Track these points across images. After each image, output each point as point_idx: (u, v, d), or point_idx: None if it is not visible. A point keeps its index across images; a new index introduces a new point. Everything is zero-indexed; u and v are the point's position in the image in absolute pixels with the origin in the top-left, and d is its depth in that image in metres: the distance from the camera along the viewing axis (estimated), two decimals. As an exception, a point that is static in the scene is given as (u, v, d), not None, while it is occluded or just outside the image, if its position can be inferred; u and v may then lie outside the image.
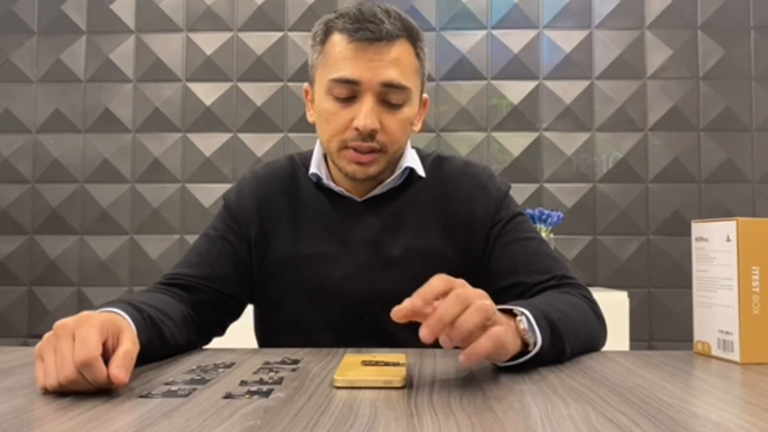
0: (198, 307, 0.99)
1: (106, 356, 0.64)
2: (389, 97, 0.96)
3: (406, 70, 0.97)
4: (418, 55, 1.00)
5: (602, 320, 0.96)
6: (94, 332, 0.63)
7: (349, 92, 0.96)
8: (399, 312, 0.66)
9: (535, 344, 0.75)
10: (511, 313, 0.77)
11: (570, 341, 0.82)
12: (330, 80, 0.96)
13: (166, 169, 2.64)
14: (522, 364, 0.75)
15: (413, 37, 0.99)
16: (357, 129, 0.95)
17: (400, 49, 0.96)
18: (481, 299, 0.66)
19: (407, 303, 0.66)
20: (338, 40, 0.97)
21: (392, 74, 0.95)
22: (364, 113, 0.94)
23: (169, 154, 2.64)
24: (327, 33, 0.99)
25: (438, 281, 0.69)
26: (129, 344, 0.66)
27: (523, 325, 0.75)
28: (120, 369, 0.62)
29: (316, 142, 1.08)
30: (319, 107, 1.00)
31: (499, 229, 1.04)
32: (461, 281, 0.70)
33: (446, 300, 0.66)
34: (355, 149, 0.96)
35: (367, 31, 0.93)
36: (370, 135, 0.95)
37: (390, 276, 1.01)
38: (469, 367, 0.63)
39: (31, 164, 2.65)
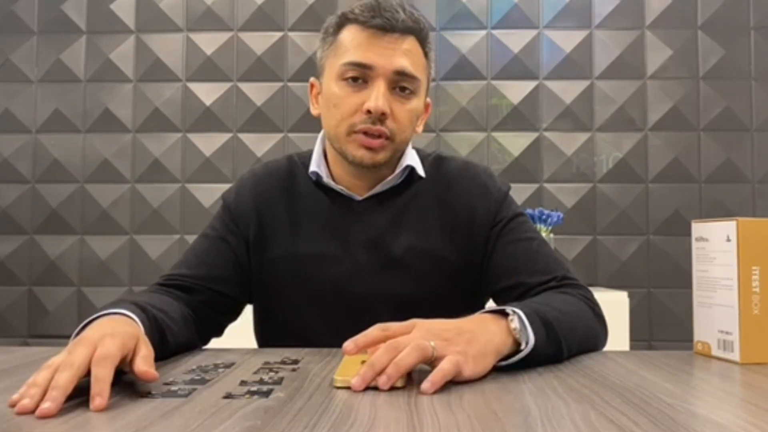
0: (197, 308, 0.99)
1: (123, 368, 0.64)
2: (400, 85, 0.98)
3: (417, 64, 0.99)
4: (426, 55, 1.02)
5: (602, 320, 0.96)
6: (117, 342, 0.64)
7: (361, 76, 0.97)
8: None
9: (527, 343, 0.76)
10: (504, 313, 0.78)
11: (567, 339, 0.82)
12: (343, 64, 0.97)
13: (166, 169, 2.64)
14: (520, 363, 0.76)
15: (422, 37, 1.01)
16: (368, 111, 0.95)
17: (411, 44, 0.99)
18: (417, 342, 0.68)
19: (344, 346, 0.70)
20: (352, 29, 0.99)
21: (404, 63, 0.97)
22: (376, 95, 0.95)
23: (169, 154, 2.64)
24: (340, 25, 1.01)
25: (374, 330, 0.71)
26: (145, 350, 0.67)
27: (515, 324, 0.77)
28: (149, 368, 0.64)
29: (315, 142, 1.08)
30: (327, 94, 1.00)
31: (499, 229, 1.04)
32: (400, 328, 0.72)
33: (379, 349, 0.68)
34: (365, 132, 0.97)
35: (383, 18, 0.96)
36: (380, 119, 0.96)
37: (390, 275, 1.01)
38: (432, 391, 0.64)
39: (31, 164, 2.65)
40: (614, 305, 2.12)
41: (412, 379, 0.70)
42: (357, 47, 0.97)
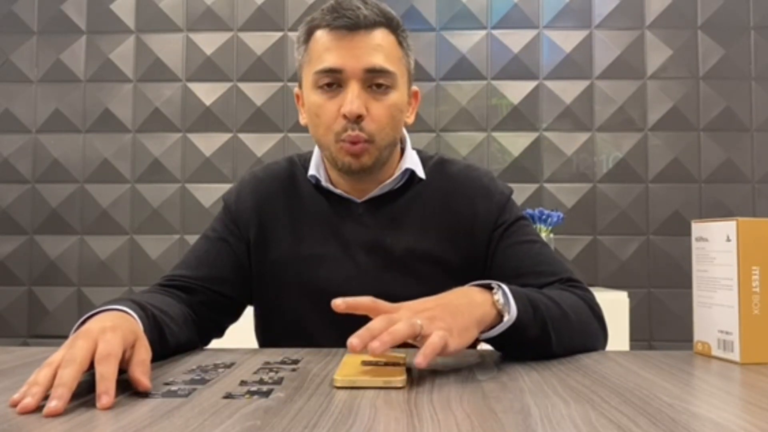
0: (197, 309, 0.99)
1: (121, 366, 0.64)
2: (374, 82, 0.96)
3: (390, 56, 0.97)
4: (400, 44, 1.00)
5: (602, 321, 0.96)
6: (118, 337, 0.64)
7: (334, 81, 0.96)
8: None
9: (510, 314, 0.79)
10: (489, 288, 0.81)
11: (555, 325, 0.84)
12: (315, 73, 0.97)
13: (166, 169, 2.64)
14: (506, 339, 0.79)
15: (393, 26, 0.99)
16: (344, 116, 0.95)
17: (381, 36, 0.97)
18: (408, 319, 0.70)
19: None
20: (319, 35, 0.98)
21: (375, 60, 0.95)
22: (350, 99, 0.94)
23: (169, 154, 2.64)
24: (309, 33, 1.00)
25: (366, 298, 0.75)
26: (144, 353, 0.67)
27: (498, 296, 0.80)
28: (144, 375, 0.64)
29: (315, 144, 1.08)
30: (308, 104, 1.00)
31: (501, 232, 1.03)
32: (388, 307, 0.75)
33: (376, 319, 0.71)
34: (347, 141, 0.96)
35: (345, 18, 0.95)
36: (357, 122, 0.95)
37: (391, 277, 1.01)
38: (426, 364, 0.68)
39: (31, 164, 2.65)
40: (614, 305, 2.12)
41: (412, 379, 0.70)
42: (326, 52, 0.96)
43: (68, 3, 2.68)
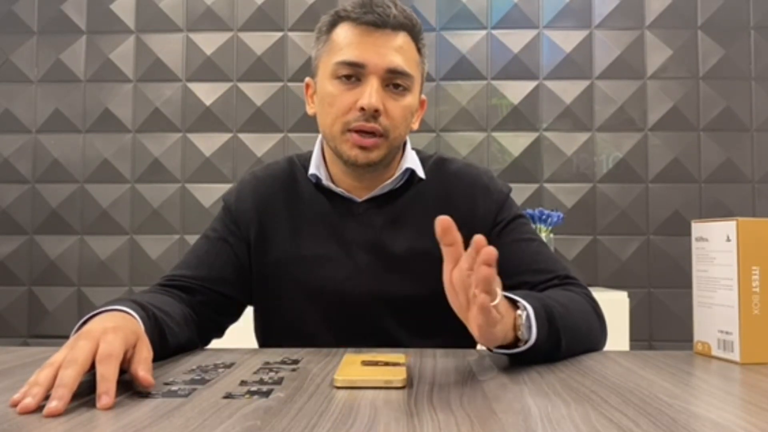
0: (197, 309, 0.99)
1: (122, 366, 0.64)
2: (393, 82, 0.98)
3: (410, 60, 0.99)
4: (419, 50, 1.02)
5: (603, 321, 0.97)
6: (119, 338, 0.64)
7: (354, 74, 0.97)
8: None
9: (527, 342, 0.76)
10: (515, 303, 0.78)
11: (567, 336, 0.83)
12: (336, 63, 0.98)
13: (166, 169, 2.64)
14: (516, 356, 0.77)
15: (416, 32, 1.01)
16: (362, 108, 0.95)
17: (404, 39, 0.99)
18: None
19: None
20: (344, 27, 0.99)
21: (397, 60, 0.97)
22: (369, 93, 0.95)
23: (169, 154, 2.64)
24: (333, 24, 1.01)
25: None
26: (146, 352, 0.68)
27: (521, 321, 0.77)
28: (147, 373, 0.64)
29: (315, 143, 1.08)
30: (322, 93, 1.01)
31: (500, 230, 1.04)
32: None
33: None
34: (359, 130, 0.97)
35: (375, 14, 0.96)
36: (374, 116, 0.96)
37: (390, 277, 1.01)
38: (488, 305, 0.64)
39: (31, 164, 2.65)
40: (614, 305, 2.12)
41: (412, 379, 0.70)
42: (349, 45, 0.97)
43: (68, 3, 2.68)
